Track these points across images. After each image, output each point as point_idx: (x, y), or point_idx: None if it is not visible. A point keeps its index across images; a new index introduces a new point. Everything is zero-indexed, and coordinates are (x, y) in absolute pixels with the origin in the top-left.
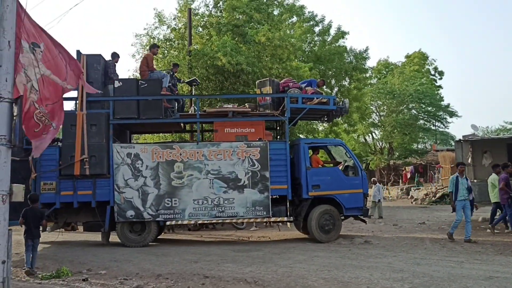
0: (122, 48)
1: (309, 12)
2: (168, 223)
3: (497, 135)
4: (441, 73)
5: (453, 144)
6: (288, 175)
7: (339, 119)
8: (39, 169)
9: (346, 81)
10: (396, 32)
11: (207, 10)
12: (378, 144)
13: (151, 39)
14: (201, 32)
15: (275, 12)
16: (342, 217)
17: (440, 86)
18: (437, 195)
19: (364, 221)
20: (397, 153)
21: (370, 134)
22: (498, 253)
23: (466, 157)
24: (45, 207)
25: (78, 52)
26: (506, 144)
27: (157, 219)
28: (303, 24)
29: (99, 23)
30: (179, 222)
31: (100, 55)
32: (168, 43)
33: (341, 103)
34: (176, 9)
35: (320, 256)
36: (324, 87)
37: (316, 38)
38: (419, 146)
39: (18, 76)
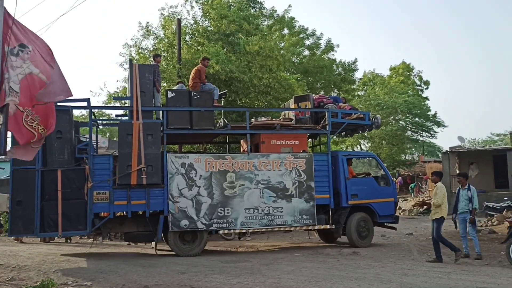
0: (107, 57)
1: (300, 26)
2: (220, 232)
3: (484, 146)
4: (427, 83)
5: (440, 155)
6: (330, 185)
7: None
8: (93, 178)
9: (335, 92)
10: (381, 45)
11: (193, 19)
12: None
13: (139, 50)
14: (189, 41)
15: (265, 23)
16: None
17: (426, 98)
18: (425, 206)
19: (395, 228)
20: (386, 164)
21: (358, 146)
22: (485, 264)
23: (453, 168)
24: (98, 217)
25: (131, 62)
26: (493, 156)
27: (211, 228)
28: (293, 37)
29: (84, 33)
30: (231, 231)
31: (152, 65)
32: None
33: (373, 119)
34: (161, 19)
35: (309, 267)
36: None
37: (305, 52)
38: (407, 157)
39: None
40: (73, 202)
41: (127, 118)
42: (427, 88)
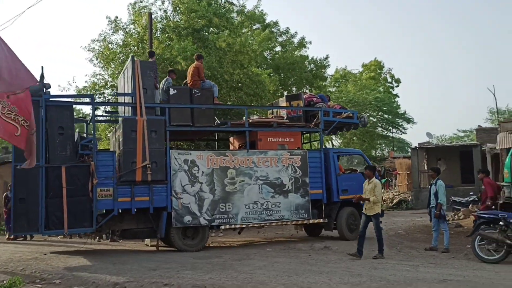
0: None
1: (271, 21)
2: (222, 227)
3: (451, 143)
4: (397, 81)
5: (409, 151)
6: (323, 181)
7: None
8: (97, 175)
9: (307, 88)
10: (353, 42)
11: (164, 13)
12: None
13: (109, 45)
14: (159, 36)
15: (235, 18)
16: None
17: (396, 95)
18: (394, 201)
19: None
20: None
21: (329, 142)
22: (452, 257)
23: (422, 164)
24: (103, 213)
25: (133, 58)
26: (459, 152)
27: (213, 223)
28: (264, 32)
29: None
30: (233, 226)
31: (153, 62)
32: (127, 48)
33: (360, 118)
34: (131, 13)
35: (281, 262)
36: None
37: (277, 48)
38: (378, 153)
39: None
40: (78, 199)
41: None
42: (397, 85)
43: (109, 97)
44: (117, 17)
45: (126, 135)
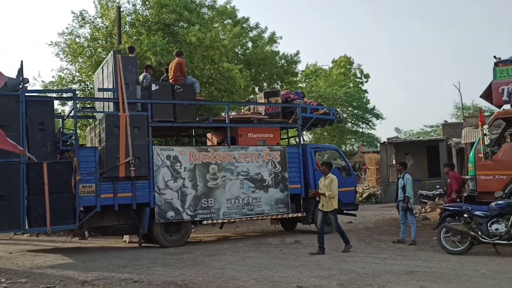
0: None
1: (241, 17)
2: (204, 222)
3: (418, 137)
4: (367, 76)
5: (378, 146)
6: (301, 175)
7: None
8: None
9: (278, 84)
10: (324, 38)
11: (133, 7)
12: None
13: (76, 39)
14: (129, 31)
15: (206, 13)
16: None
17: (366, 90)
18: (364, 195)
19: (354, 215)
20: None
21: (301, 137)
22: (418, 249)
23: (390, 158)
24: (86, 210)
25: (114, 53)
26: (426, 146)
27: (195, 219)
28: (235, 27)
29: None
30: (215, 221)
31: (134, 57)
32: (95, 43)
33: (336, 114)
34: (98, 6)
35: (252, 257)
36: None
37: (249, 44)
38: (347, 148)
39: None
40: (61, 196)
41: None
42: (366, 81)
43: (79, 93)
44: (83, 10)
45: (109, 131)
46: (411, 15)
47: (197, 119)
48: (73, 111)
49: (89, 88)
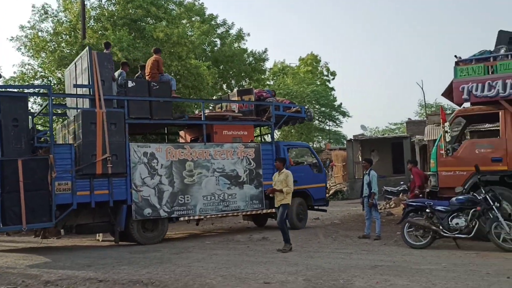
0: None
1: (209, 15)
2: (181, 219)
3: (383, 135)
4: (333, 74)
5: (345, 143)
6: (275, 172)
7: None
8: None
9: (246, 81)
10: (291, 36)
11: (98, 1)
12: None
13: (38, 33)
14: (93, 25)
15: (174, 10)
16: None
17: (332, 88)
18: (331, 192)
19: (325, 210)
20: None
21: (269, 135)
22: (383, 243)
23: (356, 155)
24: (61, 208)
25: (90, 49)
26: (391, 143)
27: (172, 215)
28: (204, 25)
29: None
30: (191, 218)
31: (109, 54)
32: (58, 37)
33: (307, 112)
34: (59, 0)
35: (219, 254)
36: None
37: (217, 41)
38: (315, 145)
39: None
40: (36, 193)
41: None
42: (333, 78)
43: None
44: (46, 4)
45: (86, 128)
46: (376, 14)
47: (173, 116)
48: (46, 108)
49: (52, 84)
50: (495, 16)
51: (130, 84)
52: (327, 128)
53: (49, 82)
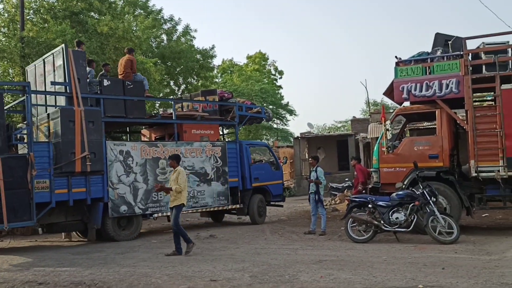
0: None
1: (154, 10)
2: (155, 215)
3: (329, 132)
4: (281, 73)
5: (292, 140)
6: (239, 170)
7: None
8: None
9: (194, 78)
10: (239, 34)
11: None
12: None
13: None
14: (33, 18)
15: (118, 3)
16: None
17: (280, 86)
18: None
19: (281, 205)
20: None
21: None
22: (328, 239)
23: (303, 153)
24: (40, 207)
25: (66, 46)
26: (336, 141)
27: (146, 212)
28: (148, 17)
29: None
30: (165, 214)
31: (84, 52)
32: None
33: (266, 113)
34: None
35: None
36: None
37: (163, 36)
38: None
39: None
40: (16, 192)
41: None
42: (281, 77)
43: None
44: None
45: (64, 126)
46: (324, 13)
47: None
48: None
49: None
50: (433, 19)
51: (105, 82)
52: (275, 126)
53: None
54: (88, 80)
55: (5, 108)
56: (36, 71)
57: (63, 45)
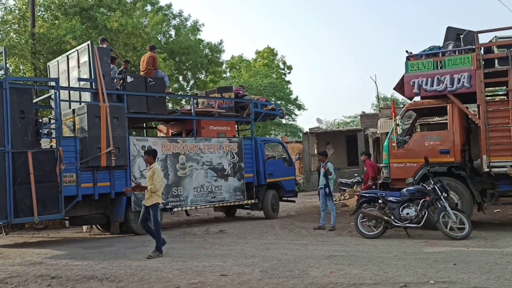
0: None
1: (165, 5)
2: (175, 209)
3: (338, 128)
4: (290, 68)
5: (301, 136)
6: (254, 165)
7: None
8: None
9: (203, 74)
10: (247, 29)
11: None
12: None
13: None
14: (43, 14)
15: (128, 2)
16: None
17: (289, 82)
18: None
19: (294, 201)
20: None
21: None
22: (337, 234)
23: (312, 148)
24: (67, 200)
25: (92, 43)
26: (345, 136)
27: (167, 206)
28: (157, 13)
29: None
30: (184, 208)
31: (109, 49)
32: (6, 26)
33: (280, 110)
34: None
35: (176, 248)
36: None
37: (172, 32)
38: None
39: None
40: (46, 185)
41: None
42: (289, 72)
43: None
44: None
45: (91, 121)
46: (333, 8)
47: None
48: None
49: None
50: (445, 13)
51: (129, 79)
52: (283, 122)
53: None
54: (111, 76)
55: (37, 102)
56: (59, 67)
57: (88, 42)
